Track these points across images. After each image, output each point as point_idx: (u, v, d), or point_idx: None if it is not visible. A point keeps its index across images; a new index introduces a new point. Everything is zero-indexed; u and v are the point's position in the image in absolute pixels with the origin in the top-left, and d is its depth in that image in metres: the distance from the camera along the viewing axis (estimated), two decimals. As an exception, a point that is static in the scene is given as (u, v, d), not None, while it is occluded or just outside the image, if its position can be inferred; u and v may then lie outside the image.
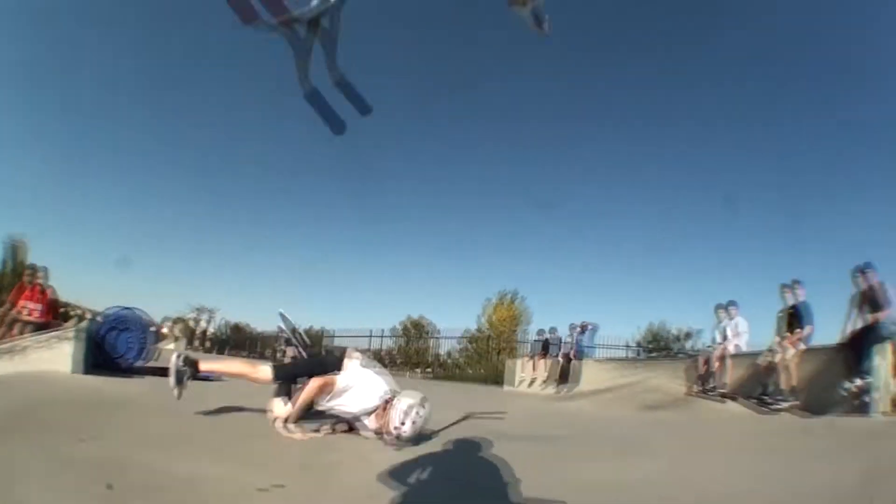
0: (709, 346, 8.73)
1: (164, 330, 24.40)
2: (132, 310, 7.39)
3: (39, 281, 7.21)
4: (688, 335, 19.48)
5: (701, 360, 8.45)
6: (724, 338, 8.42)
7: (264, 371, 4.22)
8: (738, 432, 5.62)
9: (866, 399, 6.31)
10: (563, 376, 11.50)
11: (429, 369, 24.31)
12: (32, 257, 47.00)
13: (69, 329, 5.86)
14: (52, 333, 5.75)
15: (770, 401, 6.78)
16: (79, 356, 5.52)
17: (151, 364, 6.83)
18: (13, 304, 6.84)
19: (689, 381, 8.63)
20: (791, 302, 7.51)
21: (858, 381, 6.32)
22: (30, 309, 6.82)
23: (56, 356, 5.38)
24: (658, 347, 19.11)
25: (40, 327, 6.57)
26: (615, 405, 7.97)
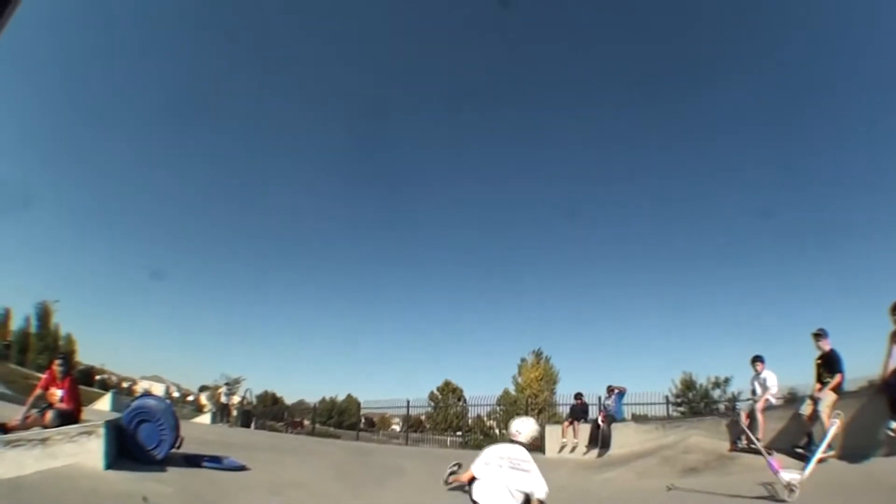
0: (748, 399, 8.53)
1: (203, 400, 24.53)
2: (156, 398, 7.60)
3: (60, 367, 7.34)
4: (717, 384, 18.96)
5: (743, 415, 8.26)
6: (755, 391, 8.36)
7: None
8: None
9: None
10: (597, 441, 11.31)
11: (459, 433, 24.05)
12: (61, 321, 48.51)
13: (97, 423, 5.78)
14: (82, 428, 5.72)
15: (808, 454, 6.55)
16: (108, 452, 5.52)
17: (181, 451, 6.83)
18: (45, 391, 7.05)
19: (732, 437, 8.41)
20: (820, 351, 7.47)
21: None
22: (60, 396, 6.99)
23: (84, 450, 5.37)
24: (693, 400, 18.52)
25: (65, 414, 6.73)
26: (655, 471, 7.68)
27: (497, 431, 23.44)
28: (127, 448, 6.08)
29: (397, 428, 33.39)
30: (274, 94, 73.89)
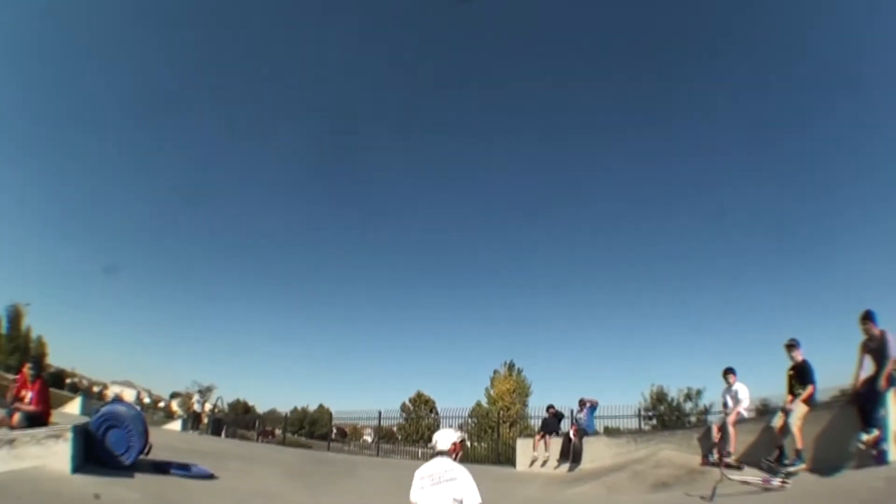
0: (719, 412, 8.41)
1: (174, 407, 23.98)
2: (125, 404, 7.50)
3: (30, 370, 7.37)
4: (689, 396, 19.05)
5: (715, 428, 8.13)
6: (727, 404, 8.27)
7: None
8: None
9: (884, 448, 6.15)
10: (569, 454, 11.09)
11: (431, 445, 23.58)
12: (32, 323, 47.31)
13: (65, 427, 5.79)
14: (49, 431, 5.73)
15: (777, 468, 6.52)
16: (75, 455, 5.51)
17: (149, 457, 6.75)
18: (16, 394, 7.10)
19: (703, 451, 8.28)
20: (792, 362, 7.38)
21: (874, 432, 6.17)
22: (29, 398, 7.04)
23: (51, 453, 5.37)
24: (664, 413, 18.52)
25: (33, 416, 6.74)
26: (625, 486, 7.48)
27: (469, 443, 23.20)
28: (95, 453, 6.05)
29: (369, 439, 32.77)
30: (248, 90, 73.30)
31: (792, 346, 7.39)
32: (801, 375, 7.18)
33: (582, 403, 12.21)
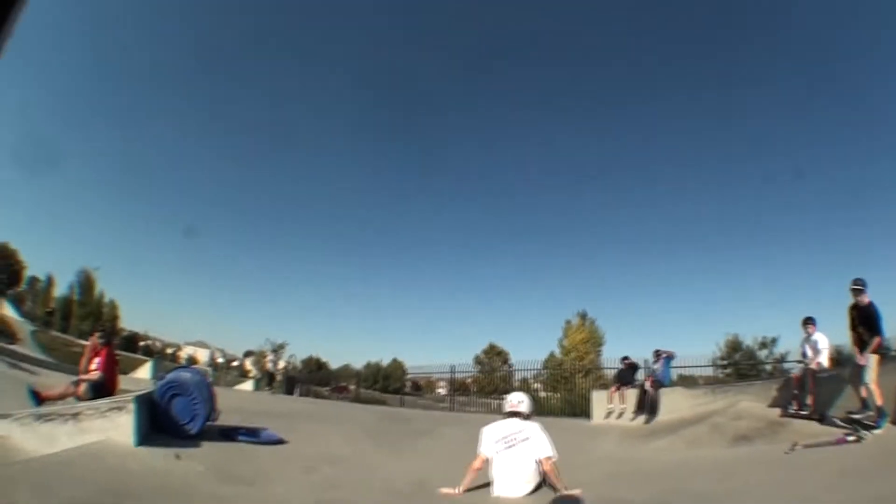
0: (798, 362, 8.43)
1: (248, 366, 25.17)
2: (191, 370, 7.32)
3: (100, 338, 7.37)
4: (764, 344, 18.54)
5: (794, 379, 8.19)
6: (807, 354, 8.23)
7: None
8: (849, 466, 5.17)
9: None
10: (645, 406, 11.39)
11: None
12: (104, 287, 48.52)
13: (128, 398, 5.55)
14: (112, 402, 5.53)
15: (864, 420, 6.50)
16: (139, 427, 5.32)
17: (218, 423, 6.67)
18: (86, 363, 7.10)
19: (782, 402, 8.38)
20: (860, 305, 6.93)
21: None
22: (95, 366, 7.06)
23: (115, 426, 5.19)
24: (740, 361, 18.21)
25: (98, 386, 6.73)
26: (705, 440, 7.77)
27: (544, 394, 23.59)
28: (160, 423, 5.88)
29: (443, 392, 33.80)
30: (300, 58, 73.73)
31: (858, 289, 6.88)
32: (867, 322, 6.78)
33: (658, 354, 12.35)
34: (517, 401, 5.00)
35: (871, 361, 6.54)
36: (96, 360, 7.02)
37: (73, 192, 74.40)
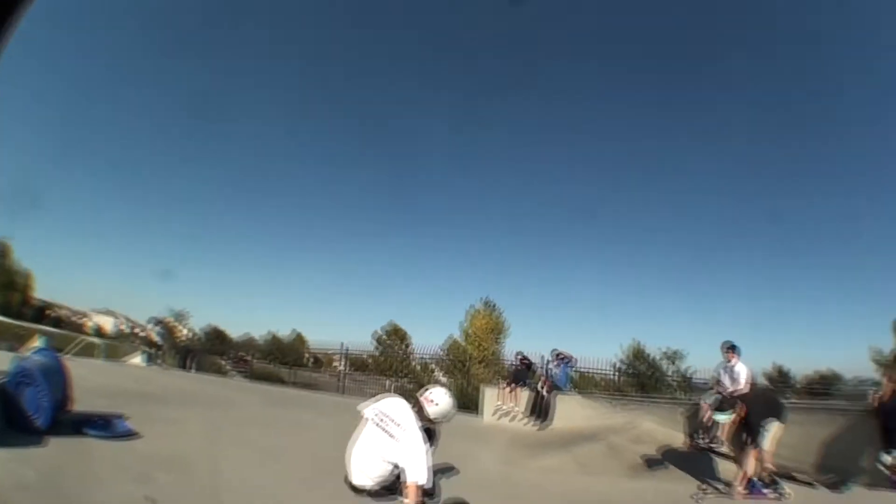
0: (711, 390, 7.42)
1: (154, 336, 22.96)
2: (44, 354, 6.40)
3: None
4: (669, 357, 18.27)
5: (705, 407, 7.21)
6: (723, 383, 7.29)
7: None
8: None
9: None
10: (538, 410, 10.34)
11: (404, 377, 23.24)
12: (21, 257, 45.50)
13: None
14: None
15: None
16: None
17: (76, 411, 5.92)
18: None
19: (689, 430, 7.42)
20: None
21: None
22: None
23: None
24: (643, 372, 17.83)
25: None
26: (600, 464, 6.59)
27: (444, 379, 22.94)
28: (11, 417, 5.24)
29: (340, 367, 32.59)
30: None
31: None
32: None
33: (557, 356, 11.28)
34: (432, 397, 4.19)
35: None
36: None
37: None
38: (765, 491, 5.14)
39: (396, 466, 3.77)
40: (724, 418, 5.07)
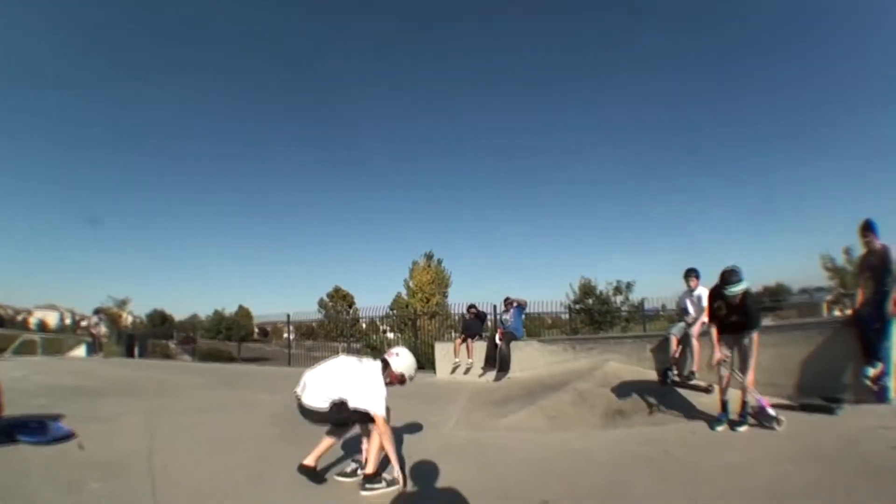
0: (682, 322, 7.03)
1: (102, 328, 21.28)
2: None
3: None
4: (618, 290, 18.42)
5: (674, 340, 6.83)
6: (688, 311, 6.94)
7: None
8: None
9: (885, 384, 5.12)
10: (494, 362, 9.84)
11: (353, 339, 22.62)
12: None
13: None
14: None
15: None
16: None
17: (8, 415, 5.48)
18: None
19: (658, 365, 7.06)
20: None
21: (878, 366, 5.07)
22: None
23: None
24: (592, 307, 17.90)
25: None
26: (571, 415, 6.03)
27: (391, 336, 22.73)
28: None
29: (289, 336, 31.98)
30: None
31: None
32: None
33: (508, 303, 10.71)
34: (395, 351, 4.24)
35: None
36: None
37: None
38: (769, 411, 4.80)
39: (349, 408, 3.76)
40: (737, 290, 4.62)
